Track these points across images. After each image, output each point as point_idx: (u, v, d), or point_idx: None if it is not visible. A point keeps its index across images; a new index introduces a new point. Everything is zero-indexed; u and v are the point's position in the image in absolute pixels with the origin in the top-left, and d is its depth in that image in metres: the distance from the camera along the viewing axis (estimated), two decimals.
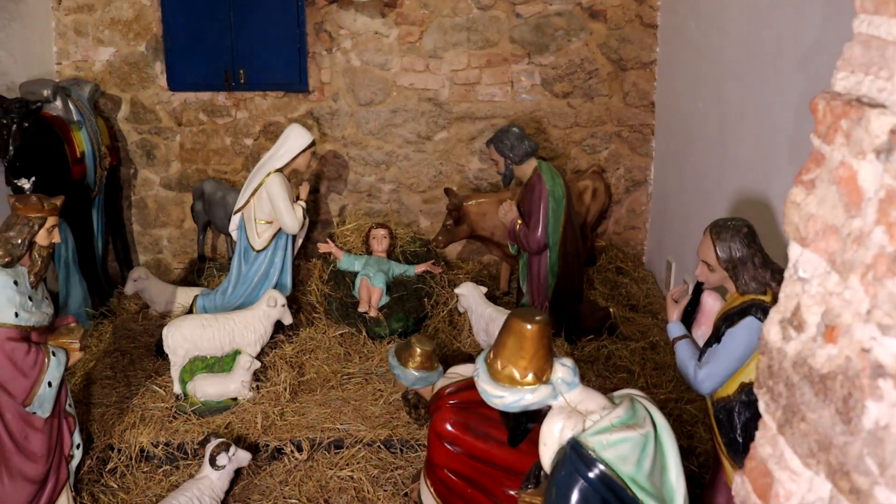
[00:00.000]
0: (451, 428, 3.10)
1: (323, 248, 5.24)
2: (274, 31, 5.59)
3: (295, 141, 4.58)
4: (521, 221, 4.58)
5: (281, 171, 4.55)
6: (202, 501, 3.54)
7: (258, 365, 4.33)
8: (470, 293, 4.67)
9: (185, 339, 4.24)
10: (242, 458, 3.73)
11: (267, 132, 5.82)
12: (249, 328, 4.34)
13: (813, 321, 1.16)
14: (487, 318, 4.50)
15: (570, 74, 5.76)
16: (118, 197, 5.85)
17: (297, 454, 3.95)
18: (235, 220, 4.70)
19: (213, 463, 3.64)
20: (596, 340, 4.76)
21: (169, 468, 3.92)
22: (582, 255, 4.88)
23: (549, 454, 2.08)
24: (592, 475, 1.98)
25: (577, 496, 1.98)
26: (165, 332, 4.26)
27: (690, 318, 3.01)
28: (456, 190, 5.44)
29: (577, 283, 4.77)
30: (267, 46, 5.60)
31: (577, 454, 2.00)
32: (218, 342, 4.29)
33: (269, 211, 4.55)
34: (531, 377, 2.09)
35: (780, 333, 1.24)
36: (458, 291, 4.74)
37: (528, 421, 2.19)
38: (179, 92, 5.75)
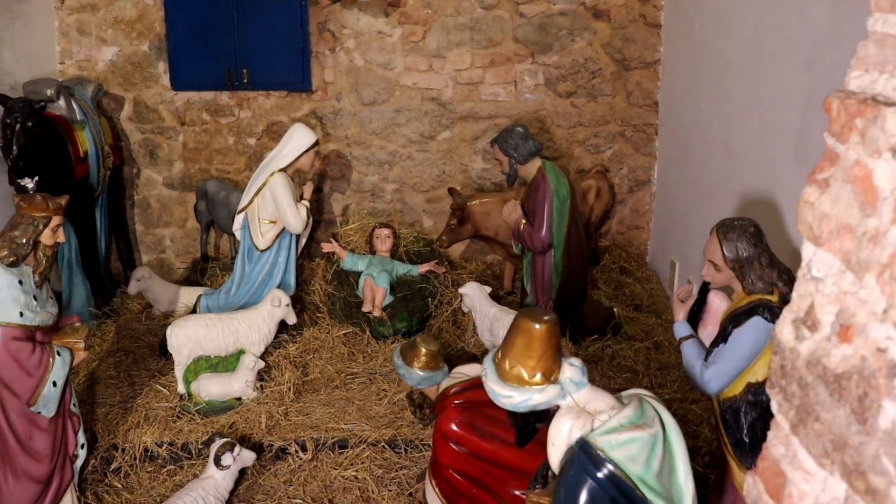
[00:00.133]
0: (456, 428, 3.10)
1: (326, 247, 5.24)
2: (277, 30, 5.58)
3: (299, 140, 4.58)
4: (525, 221, 4.57)
5: (284, 170, 4.55)
6: (207, 501, 3.53)
7: (262, 365, 4.32)
8: (474, 293, 4.66)
9: (188, 338, 4.23)
10: (247, 457, 3.73)
11: (270, 132, 5.82)
12: (253, 328, 4.34)
13: (827, 321, 1.15)
14: (492, 317, 4.49)
15: (573, 74, 5.75)
16: (121, 196, 5.84)
17: (301, 454, 3.94)
18: (239, 219, 4.70)
19: (217, 463, 3.64)
20: (600, 340, 4.76)
21: (173, 468, 3.92)
22: (586, 254, 4.88)
23: (557, 454, 2.07)
24: (601, 475, 1.97)
25: (585, 496, 1.97)
26: (169, 331, 4.26)
27: (697, 317, 3.00)
28: (459, 190, 5.43)
29: (581, 282, 4.76)
30: (270, 46, 5.60)
31: (585, 454, 2.00)
32: (222, 342, 4.29)
33: (272, 210, 4.55)
34: (539, 377, 2.09)
35: (793, 333, 1.24)
36: (462, 291, 4.73)
37: (536, 421, 2.18)
38: (182, 91, 5.75)
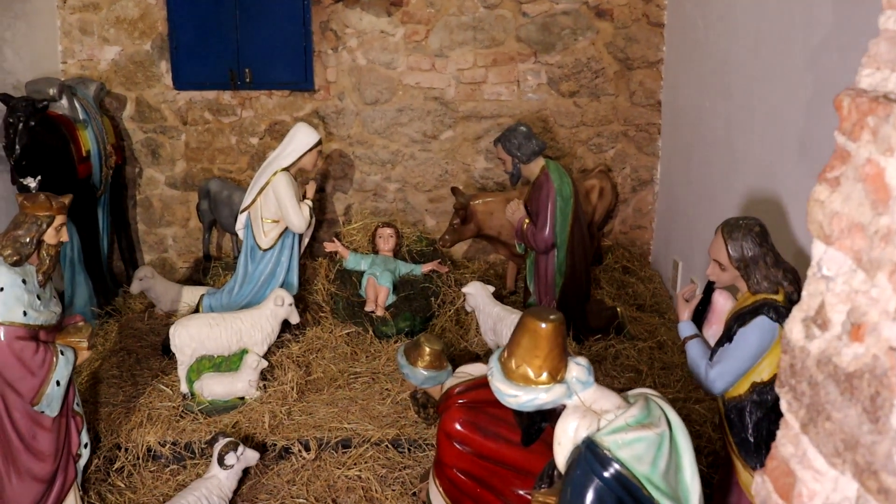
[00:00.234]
0: (460, 427, 3.09)
1: (329, 247, 5.24)
2: (279, 29, 5.58)
3: (301, 140, 4.58)
4: (528, 220, 4.57)
5: (287, 169, 4.55)
6: (210, 501, 3.53)
7: (265, 364, 4.32)
8: (477, 292, 4.66)
9: (191, 338, 4.23)
10: (250, 457, 3.73)
11: (272, 131, 5.82)
12: (256, 327, 4.33)
13: (838, 319, 1.14)
14: (495, 317, 4.49)
15: (576, 73, 5.74)
16: (123, 196, 5.84)
17: (304, 453, 3.94)
18: (242, 218, 4.70)
19: (221, 462, 3.63)
20: (603, 340, 4.76)
21: (176, 467, 3.92)
22: (589, 254, 4.87)
23: (563, 454, 2.06)
24: (608, 475, 1.97)
25: (592, 496, 1.97)
26: (172, 331, 4.26)
27: (701, 317, 2.99)
28: (462, 189, 5.42)
29: (584, 282, 4.76)
30: (272, 45, 5.60)
31: (592, 454, 1.99)
32: (225, 341, 4.28)
33: (275, 210, 4.55)
34: (545, 376, 2.08)
35: (802, 332, 1.23)
36: (465, 290, 4.73)
37: (542, 420, 2.18)
38: (185, 91, 5.75)
